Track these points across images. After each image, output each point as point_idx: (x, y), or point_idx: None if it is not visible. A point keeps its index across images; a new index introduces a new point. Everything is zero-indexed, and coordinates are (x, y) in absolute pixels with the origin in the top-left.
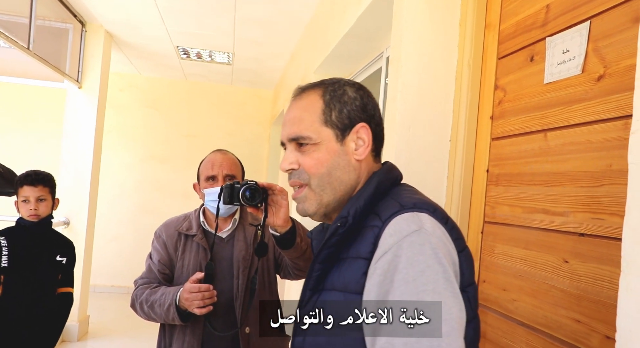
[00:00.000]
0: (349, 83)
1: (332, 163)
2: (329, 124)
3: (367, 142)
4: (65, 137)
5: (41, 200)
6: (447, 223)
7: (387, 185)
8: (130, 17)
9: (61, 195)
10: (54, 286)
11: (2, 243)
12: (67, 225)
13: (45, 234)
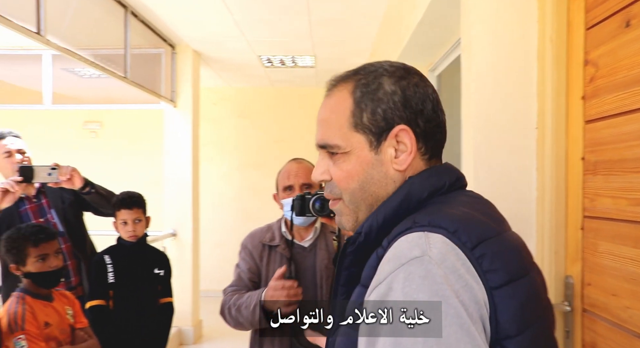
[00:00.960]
0: (389, 71)
1: (365, 176)
2: (360, 128)
3: (409, 147)
4: (166, 154)
5: (137, 221)
6: (475, 250)
7: (422, 195)
8: (212, 34)
9: (166, 208)
10: (156, 297)
11: (107, 261)
12: (174, 236)
13: (143, 250)
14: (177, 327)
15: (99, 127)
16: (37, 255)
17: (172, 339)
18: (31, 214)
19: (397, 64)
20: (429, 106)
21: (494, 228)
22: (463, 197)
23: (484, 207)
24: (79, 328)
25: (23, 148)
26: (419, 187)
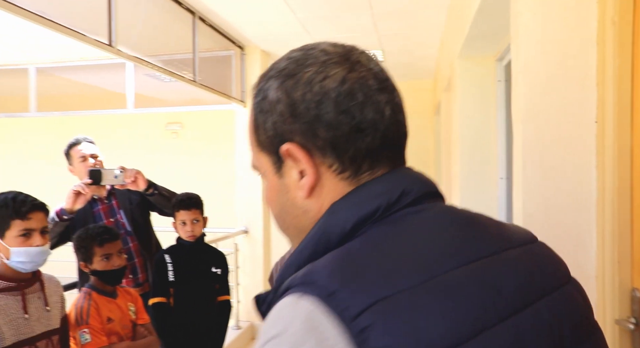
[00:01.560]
0: (279, 68)
1: (277, 204)
2: (263, 147)
3: (306, 167)
4: (237, 153)
5: (195, 221)
6: (359, 318)
7: (344, 229)
8: (278, 34)
9: (239, 207)
10: (214, 295)
11: (167, 260)
12: (246, 234)
13: (201, 250)
14: (249, 321)
15: (180, 128)
16: (102, 254)
17: (244, 334)
18: (103, 214)
19: (289, 58)
20: (330, 107)
21: (429, 269)
22: (410, 221)
23: (443, 230)
24: (140, 325)
25: (96, 152)
26: (337, 219)
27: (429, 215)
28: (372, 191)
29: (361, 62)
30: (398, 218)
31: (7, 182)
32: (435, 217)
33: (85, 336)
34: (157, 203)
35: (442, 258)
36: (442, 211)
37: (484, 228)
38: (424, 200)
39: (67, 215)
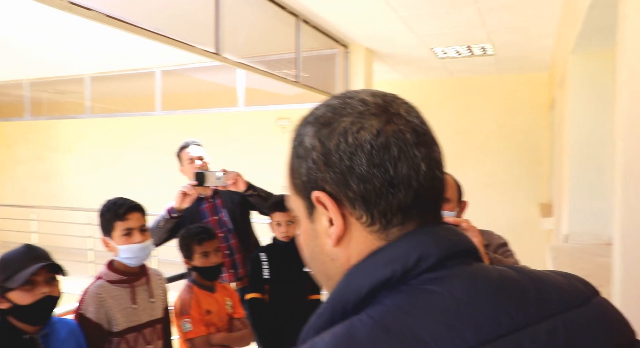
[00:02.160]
0: (317, 115)
1: (309, 248)
2: (298, 191)
3: (334, 217)
4: None
5: (289, 223)
6: None
7: (359, 294)
8: (381, 32)
9: None
10: (306, 294)
11: (263, 258)
12: None
13: (294, 250)
14: None
15: (288, 123)
16: (200, 252)
17: None
18: (208, 212)
19: (327, 105)
20: (362, 160)
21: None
22: (427, 291)
23: (464, 301)
24: (236, 318)
25: (202, 155)
26: (353, 284)
27: (449, 283)
28: (388, 255)
29: (400, 115)
30: (413, 287)
31: (137, 173)
32: (456, 285)
33: (187, 325)
34: (255, 203)
35: (459, 338)
36: (466, 277)
37: (519, 295)
38: (447, 263)
39: (176, 213)
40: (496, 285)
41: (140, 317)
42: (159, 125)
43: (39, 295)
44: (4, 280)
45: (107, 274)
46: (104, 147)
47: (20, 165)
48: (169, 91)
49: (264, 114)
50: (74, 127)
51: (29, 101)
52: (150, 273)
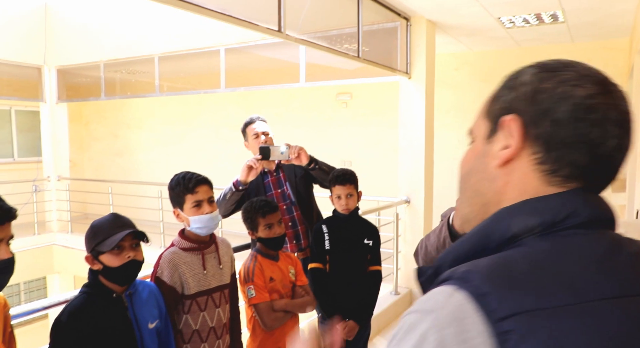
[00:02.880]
0: (542, 63)
1: (470, 165)
2: (488, 116)
3: (514, 142)
4: (401, 125)
5: (349, 196)
6: (505, 322)
7: (505, 235)
8: (445, 2)
9: (401, 177)
10: (365, 265)
11: (324, 230)
12: (408, 204)
13: (354, 222)
14: (407, 288)
15: (349, 98)
16: (264, 224)
17: (402, 299)
18: (272, 185)
19: (563, 62)
20: (566, 108)
21: (581, 293)
22: (572, 242)
23: (604, 258)
24: (299, 286)
25: (267, 130)
26: (499, 225)
27: (593, 240)
28: (542, 205)
29: (614, 94)
30: (560, 237)
31: (203, 149)
32: (599, 244)
33: (251, 291)
34: (317, 177)
35: (597, 285)
36: (608, 240)
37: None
38: (593, 225)
39: (242, 186)
40: (636, 252)
41: (209, 282)
42: (222, 102)
43: (125, 259)
44: (96, 244)
45: (180, 242)
46: (172, 124)
47: (96, 142)
48: (232, 69)
49: (325, 89)
50: (144, 105)
51: (104, 82)
52: (219, 241)
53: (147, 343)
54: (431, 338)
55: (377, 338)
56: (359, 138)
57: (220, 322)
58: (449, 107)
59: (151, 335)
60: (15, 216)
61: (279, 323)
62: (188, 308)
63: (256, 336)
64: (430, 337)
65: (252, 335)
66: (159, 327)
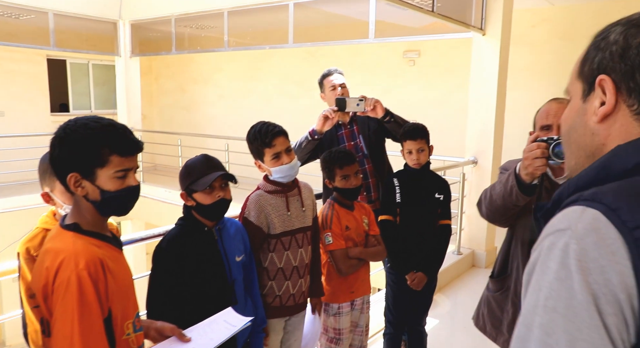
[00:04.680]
0: (628, 18)
1: (571, 123)
2: (580, 77)
3: (609, 99)
4: (472, 83)
5: (420, 150)
6: (638, 231)
7: (625, 166)
8: None
9: (469, 138)
10: (436, 219)
11: (395, 183)
12: (475, 164)
13: (425, 177)
14: (470, 249)
15: (417, 56)
16: (341, 175)
17: (465, 260)
18: (345, 138)
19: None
20: None
21: None
22: None
23: None
24: (372, 235)
25: (344, 82)
26: (618, 159)
27: None
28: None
29: None
30: None
31: (268, 104)
32: None
33: (328, 238)
34: (392, 130)
35: None
36: None
37: None
38: None
39: (317, 135)
40: None
41: (293, 223)
42: (289, 58)
43: (216, 198)
44: (190, 183)
45: (265, 185)
46: (238, 79)
47: (165, 96)
48: (300, 24)
49: (392, 47)
50: (211, 60)
51: (174, 36)
52: (301, 185)
53: (234, 273)
54: (573, 249)
55: (438, 295)
56: (425, 98)
57: (303, 262)
58: (522, 66)
59: (238, 267)
60: (142, 148)
61: (353, 269)
62: (273, 247)
63: (330, 280)
64: (571, 249)
65: (327, 280)
66: (245, 261)
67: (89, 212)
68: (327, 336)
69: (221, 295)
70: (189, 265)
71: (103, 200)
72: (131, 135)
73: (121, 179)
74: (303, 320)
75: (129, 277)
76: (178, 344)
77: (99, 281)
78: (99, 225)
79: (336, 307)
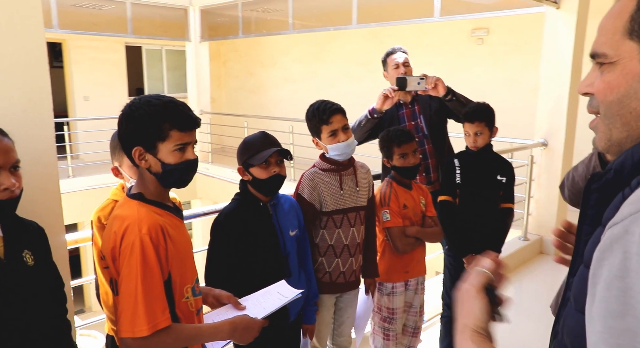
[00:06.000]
0: None
1: (626, 89)
2: (635, 36)
3: None
4: (544, 61)
5: (478, 133)
6: None
7: None
8: None
9: (540, 118)
10: (497, 201)
11: (456, 164)
12: (545, 147)
13: (487, 158)
14: (538, 235)
15: (485, 34)
16: (399, 153)
17: (532, 246)
18: (406, 117)
19: None
20: None
21: None
22: None
23: None
24: (429, 216)
25: (407, 61)
26: None
27: None
28: None
29: None
30: None
31: (332, 86)
32: None
33: (386, 215)
34: (454, 109)
35: None
36: None
37: None
38: None
39: (376, 114)
40: None
41: (345, 201)
42: (353, 40)
43: (271, 173)
44: (247, 158)
45: (320, 163)
46: (303, 62)
47: (233, 80)
48: (364, 4)
49: (459, 25)
50: (277, 43)
51: (241, 21)
52: (358, 165)
53: (288, 247)
54: None
55: None
56: (493, 77)
57: (354, 241)
58: None
59: (291, 241)
60: (199, 124)
61: (410, 248)
62: (325, 224)
63: (385, 259)
64: None
65: (381, 258)
66: (298, 236)
67: (152, 183)
68: (381, 315)
69: (275, 268)
70: (245, 238)
71: (164, 172)
72: (190, 111)
73: (180, 152)
74: (356, 298)
75: (188, 244)
76: (233, 311)
77: (160, 246)
78: (161, 196)
79: (390, 286)
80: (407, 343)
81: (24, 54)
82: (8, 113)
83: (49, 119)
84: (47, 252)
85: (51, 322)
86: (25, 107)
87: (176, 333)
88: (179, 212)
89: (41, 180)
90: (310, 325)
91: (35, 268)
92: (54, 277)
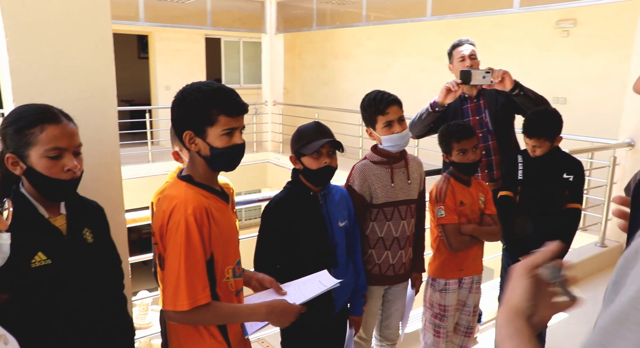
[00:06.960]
0: None
1: None
2: None
3: None
4: (635, 55)
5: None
6: None
7: None
8: None
9: (627, 116)
10: (562, 201)
11: (519, 160)
12: (631, 147)
13: (554, 156)
14: (617, 242)
15: (572, 26)
16: (458, 149)
17: (609, 253)
18: (470, 112)
19: None
20: None
21: None
22: None
23: None
24: (487, 214)
25: (474, 53)
26: None
27: None
28: None
29: None
30: None
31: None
32: None
33: (441, 211)
34: (522, 104)
35: None
36: None
37: None
38: None
39: (438, 108)
40: None
41: (396, 194)
42: (427, 32)
43: (322, 164)
44: (300, 147)
45: (372, 156)
46: (377, 55)
47: (306, 71)
48: None
49: (542, 16)
50: (351, 36)
51: (316, 13)
52: (410, 158)
53: (337, 238)
54: None
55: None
56: (578, 72)
57: (404, 234)
58: None
59: (340, 232)
60: (247, 110)
61: (465, 246)
62: (375, 216)
63: (439, 255)
64: None
65: (436, 254)
66: (348, 227)
67: (201, 166)
68: (432, 311)
69: (322, 258)
70: (293, 226)
71: (212, 155)
72: (237, 97)
73: (228, 137)
74: (404, 291)
75: (232, 227)
76: (274, 295)
77: (204, 226)
78: (209, 179)
79: (443, 283)
80: (459, 343)
81: (92, 45)
82: (75, 99)
83: (112, 105)
84: (105, 230)
85: (109, 296)
86: (91, 94)
87: (215, 311)
88: (225, 196)
89: (104, 162)
90: (357, 317)
91: (94, 245)
92: (112, 254)
